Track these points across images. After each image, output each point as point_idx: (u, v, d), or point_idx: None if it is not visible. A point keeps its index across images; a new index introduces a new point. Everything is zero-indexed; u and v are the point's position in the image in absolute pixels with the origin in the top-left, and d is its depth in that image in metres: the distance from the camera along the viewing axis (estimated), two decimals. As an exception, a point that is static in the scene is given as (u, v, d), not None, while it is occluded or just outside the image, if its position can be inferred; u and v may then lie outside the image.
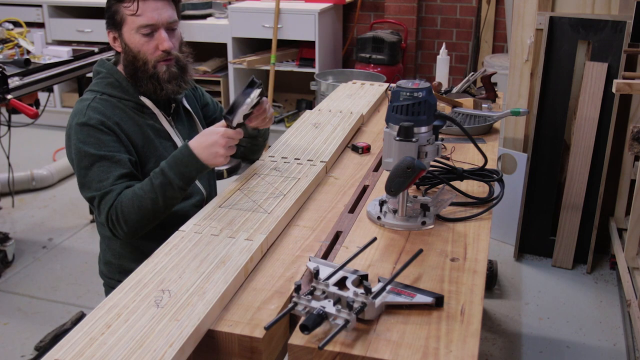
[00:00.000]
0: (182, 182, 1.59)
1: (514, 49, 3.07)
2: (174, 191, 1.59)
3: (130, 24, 1.68)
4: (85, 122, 1.65)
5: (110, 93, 1.73)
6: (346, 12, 4.83)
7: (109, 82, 1.74)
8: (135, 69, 1.72)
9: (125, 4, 1.67)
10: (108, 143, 1.64)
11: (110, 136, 1.65)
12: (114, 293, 1.20)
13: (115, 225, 1.61)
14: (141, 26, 1.67)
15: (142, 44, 1.69)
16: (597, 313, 2.71)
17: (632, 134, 2.21)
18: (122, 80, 1.74)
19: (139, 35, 1.68)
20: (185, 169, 1.59)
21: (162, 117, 1.79)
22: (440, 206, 1.54)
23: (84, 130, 1.64)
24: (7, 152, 3.30)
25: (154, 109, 1.77)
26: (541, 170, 3.04)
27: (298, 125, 2.14)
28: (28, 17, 4.71)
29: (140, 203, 1.58)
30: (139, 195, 1.59)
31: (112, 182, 1.61)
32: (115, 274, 1.85)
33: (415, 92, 1.44)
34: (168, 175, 1.58)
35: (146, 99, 1.76)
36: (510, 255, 3.14)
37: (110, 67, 1.77)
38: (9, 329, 2.63)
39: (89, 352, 1.04)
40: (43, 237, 3.36)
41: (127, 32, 1.69)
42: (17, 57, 3.00)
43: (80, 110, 1.68)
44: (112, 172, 1.62)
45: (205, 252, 1.34)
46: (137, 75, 1.72)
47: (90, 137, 1.64)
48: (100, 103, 1.69)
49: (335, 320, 1.10)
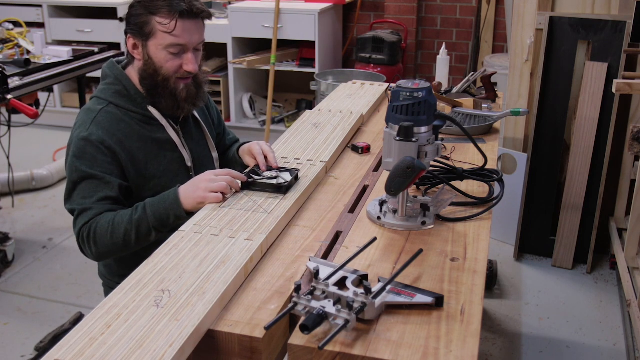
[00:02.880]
0: (157, 223, 1.56)
1: (514, 49, 3.07)
2: (147, 230, 1.57)
3: (159, 39, 1.64)
4: (86, 137, 1.63)
5: (118, 103, 1.70)
6: (346, 12, 4.83)
7: (117, 90, 1.71)
8: (154, 83, 1.69)
9: (159, 18, 1.62)
10: (102, 164, 1.62)
11: (106, 157, 1.63)
12: (114, 293, 1.20)
13: (85, 242, 1.61)
14: (172, 45, 1.64)
15: (167, 60, 1.66)
16: (597, 313, 2.71)
17: (632, 134, 2.21)
18: (130, 89, 1.72)
19: (165, 52, 1.65)
20: (164, 211, 1.56)
21: (169, 128, 1.76)
22: (440, 206, 1.54)
23: (82, 145, 1.63)
24: (7, 152, 3.30)
25: (162, 120, 1.74)
26: (541, 170, 3.04)
27: (298, 125, 2.14)
28: (28, 17, 4.71)
29: (113, 230, 1.57)
30: (116, 223, 1.57)
31: (95, 201, 1.60)
32: (114, 277, 1.84)
33: (415, 92, 1.44)
34: (147, 212, 1.57)
35: (154, 110, 1.73)
36: (510, 255, 3.14)
37: (120, 72, 1.73)
38: (9, 329, 2.63)
39: (89, 352, 1.04)
40: (43, 237, 3.37)
41: (153, 46, 1.65)
42: (17, 57, 3.00)
43: (85, 123, 1.66)
44: (98, 192, 1.61)
45: (205, 252, 1.34)
46: (156, 90, 1.69)
47: (86, 153, 1.62)
48: (105, 117, 1.67)
49: (335, 320, 1.10)
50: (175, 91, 1.69)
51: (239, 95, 4.65)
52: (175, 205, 1.55)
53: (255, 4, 4.47)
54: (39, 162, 4.22)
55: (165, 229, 1.58)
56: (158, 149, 1.73)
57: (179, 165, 1.77)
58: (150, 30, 1.64)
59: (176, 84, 1.69)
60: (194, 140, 1.84)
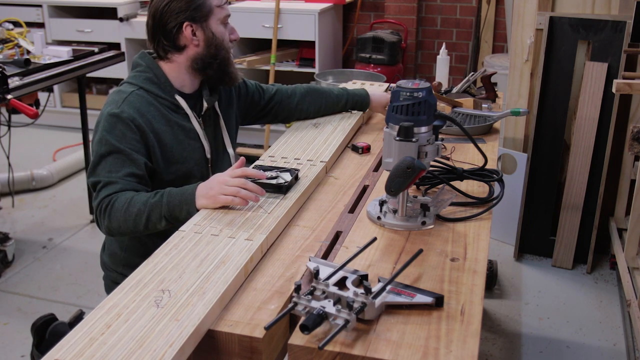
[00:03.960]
0: (168, 213, 1.57)
1: (514, 49, 3.07)
2: (158, 216, 1.58)
3: (217, 14, 1.76)
4: (117, 113, 1.66)
5: (148, 89, 1.75)
6: (346, 12, 4.83)
7: (148, 77, 1.76)
8: (218, 60, 1.78)
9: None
10: (131, 141, 1.66)
11: (135, 135, 1.67)
12: (114, 293, 1.20)
13: (101, 214, 1.62)
14: (227, 16, 1.79)
15: (224, 32, 1.79)
16: (597, 313, 2.71)
17: (632, 134, 2.21)
18: (160, 77, 1.77)
19: (222, 25, 1.79)
20: (178, 203, 1.57)
21: (193, 119, 1.81)
22: (440, 206, 1.55)
23: (113, 121, 1.66)
24: (7, 152, 3.30)
25: (187, 110, 1.80)
26: (541, 170, 3.04)
27: (298, 125, 2.15)
28: (28, 17, 4.71)
29: (128, 208, 1.58)
30: (133, 201, 1.59)
31: (121, 176, 1.63)
32: (118, 267, 1.85)
33: (415, 92, 1.45)
34: (163, 199, 1.58)
35: (181, 99, 1.78)
36: (510, 255, 3.14)
37: (151, 61, 1.79)
38: (9, 329, 2.63)
39: (89, 352, 1.04)
40: (43, 237, 3.37)
41: (214, 23, 1.77)
42: (17, 57, 3.00)
43: (116, 102, 1.69)
44: (124, 167, 1.64)
45: (205, 252, 1.34)
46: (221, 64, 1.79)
47: (116, 129, 1.66)
48: (136, 98, 1.71)
49: (335, 320, 1.10)
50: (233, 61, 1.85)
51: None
52: (190, 200, 1.56)
53: (255, 4, 4.47)
54: (39, 162, 4.22)
55: (175, 221, 1.58)
56: (183, 135, 1.78)
57: (199, 155, 1.82)
58: (209, 8, 1.75)
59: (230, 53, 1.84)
60: (212, 134, 1.89)
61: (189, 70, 1.79)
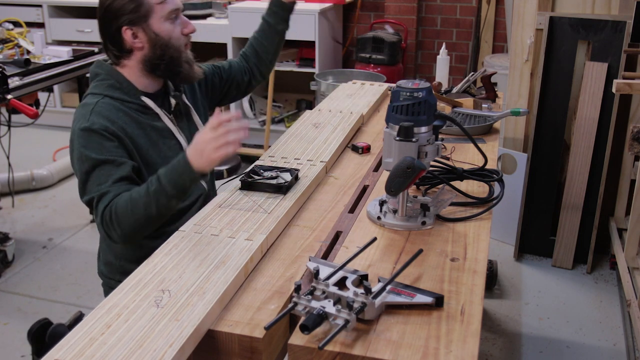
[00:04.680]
0: (175, 191, 1.55)
1: (514, 49, 3.07)
2: (167, 199, 1.56)
3: (159, 12, 1.69)
4: (88, 127, 1.63)
5: (112, 95, 1.71)
6: (346, 12, 4.83)
7: (110, 84, 1.72)
8: (168, 58, 1.72)
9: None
10: (110, 149, 1.63)
11: (113, 142, 1.63)
12: (114, 293, 1.20)
13: (109, 226, 1.59)
14: (171, 11, 1.70)
15: (172, 29, 1.71)
16: (597, 313, 2.71)
17: (632, 134, 2.21)
18: (122, 81, 1.73)
19: (168, 22, 1.70)
20: (178, 178, 1.55)
21: (164, 117, 1.78)
22: (440, 206, 1.54)
23: (86, 135, 1.62)
24: (7, 152, 3.30)
25: (156, 109, 1.76)
26: (541, 170, 3.04)
27: (298, 125, 2.14)
28: (28, 17, 4.71)
29: (133, 207, 1.56)
30: (134, 199, 1.57)
31: (111, 184, 1.60)
32: (115, 275, 1.84)
33: (415, 92, 1.45)
34: (162, 182, 1.55)
35: (148, 100, 1.75)
36: (510, 255, 3.14)
37: (109, 68, 1.75)
38: (9, 329, 2.63)
39: (89, 352, 1.04)
40: (43, 237, 3.36)
41: (156, 22, 1.69)
42: (17, 57, 3.00)
43: (84, 115, 1.66)
44: (112, 175, 1.61)
45: (205, 252, 1.34)
46: (170, 64, 1.73)
47: (92, 142, 1.62)
48: (103, 107, 1.67)
49: (335, 320, 1.10)
50: (188, 57, 1.77)
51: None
52: (187, 169, 1.53)
53: (255, 4, 4.47)
54: (39, 162, 4.22)
55: (184, 194, 1.57)
56: (157, 136, 1.75)
57: (177, 152, 1.77)
58: (147, 9, 1.67)
59: (185, 50, 1.76)
60: (186, 126, 1.86)
61: (143, 73, 1.74)
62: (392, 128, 1.48)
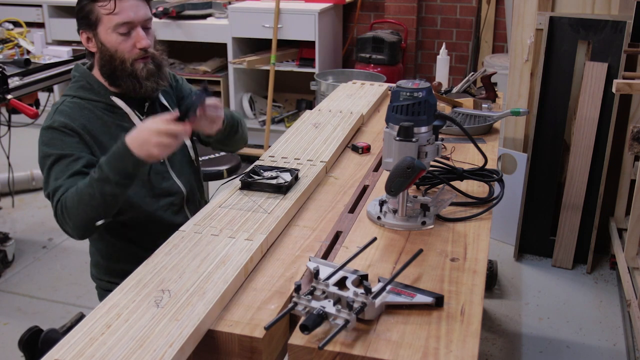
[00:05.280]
0: (118, 177, 1.53)
1: (514, 49, 3.07)
2: (111, 187, 1.53)
3: (106, 23, 1.65)
4: (49, 125, 1.65)
5: (81, 95, 1.72)
6: (346, 12, 4.83)
7: (81, 85, 1.74)
8: (112, 69, 1.69)
9: (100, 3, 1.64)
10: (70, 144, 1.63)
11: (73, 138, 1.64)
12: (114, 293, 1.20)
13: (62, 220, 1.59)
14: (118, 24, 1.64)
15: (119, 42, 1.67)
16: (597, 313, 2.71)
17: (632, 134, 2.21)
18: (93, 83, 1.73)
19: (115, 34, 1.65)
20: (120, 164, 1.53)
21: (134, 117, 1.76)
22: (440, 206, 1.55)
23: (48, 133, 1.64)
24: (7, 152, 3.30)
25: (126, 109, 1.75)
26: (541, 170, 3.04)
27: (298, 125, 2.14)
28: (28, 17, 4.71)
29: (80, 198, 1.55)
30: (79, 189, 1.55)
31: (66, 178, 1.59)
32: (104, 275, 1.84)
33: (415, 92, 1.44)
34: (104, 170, 1.53)
35: (118, 99, 1.74)
36: (510, 255, 3.14)
37: (84, 70, 1.76)
38: (9, 329, 2.63)
39: (89, 352, 1.04)
40: (43, 237, 3.36)
41: (103, 32, 1.66)
42: (17, 57, 3.00)
43: (49, 115, 1.68)
44: (69, 169, 1.61)
45: (205, 252, 1.34)
46: (115, 74, 1.70)
47: (53, 139, 1.63)
48: (67, 106, 1.69)
49: (335, 320, 1.10)
50: (135, 72, 1.70)
51: (239, 95, 4.65)
52: (128, 155, 1.51)
53: (255, 4, 4.47)
54: (39, 162, 4.22)
55: (129, 179, 1.55)
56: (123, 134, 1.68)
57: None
58: (96, 17, 1.66)
59: (134, 65, 1.69)
60: None
61: (104, 77, 1.72)
62: (392, 128, 1.48)
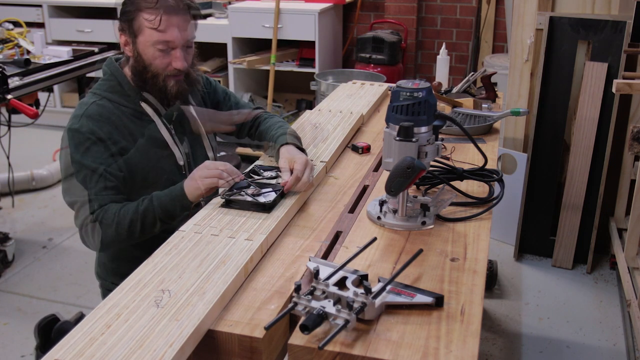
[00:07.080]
0: (162, 214, 1.59)
1: (514, 49, 3.07)
2: (153, 220, 1.59)
3: (147, 36, 1.62)
4: (77, 129, 1.63)
5: (110, 98, 1.70)
6: (346, 12, 4.83)
7: (111, 86, 1.71)
8: (144, 79, 1.69)
9: (146, 14, 1.61)
10: (97, 154, 1.62)
11: (99, 146, 1.63)
12: (114, 293, 1.20)
13: (88, 234, 1.61)
14: (159, 41, 1.62)
15: (156, 57, 1.65)
16: (597, 313, 2.71)
17: (632, 134, 2.21)
18: (124, 84, 1.71)
19: (154, 49, 1.63)
20: (169, 201, 1.59)
21: (161, 125, 1.74)
22: (440, 206, 1.54)
23: (75, 137, 1.63)
24: (7, 152, 3.30)
25: (153, 116, 1.73)
26: (541, 170, 3.04)
27: (298, 125, 2.14)
28: (28, 17, 4.71)
29: (119, 222, 1.58)
30: (121, 214, 1.59)
31: (96, 192, 1.60)
32: (109, 277, 1.84)
33: (415, 92, 1.44)
34: (154, 203, 1.59)
35: (147, 106, 1.73)
36: (510, 255, 3.14)
37: (115, 69, 1.73)
38: (9, 329, 2.63)
39: (89, 352, 1.04)
40: (43, 237, 3.37)
41: (142, 43, 1.64)
42: (17, 57, 3.00)
43: (77, 116, 1.66)
44: (97, 183, 1.61)
45: (205, 252, 1.34)
46: (146, 84, 1.70)
47: (80, 145, 1.62)
48: (96, 109, 1.67)
49: (335, 320, 1.10)
50: (165, 88, 1.69)
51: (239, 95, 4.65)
52: (180, 196, 1.58)
53: (255, 4, 4.47)
54: (39, 162, 4.22)
55: (170, 219, 1.60)
56: (148, 145, 1.72)
57: (169, 163, 1.75)
58: (138, 26, 1.63)
59: (166, 81, 1.68)
60: (188, 139, 1.83)
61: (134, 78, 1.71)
62: (392, 128, 1.48)
